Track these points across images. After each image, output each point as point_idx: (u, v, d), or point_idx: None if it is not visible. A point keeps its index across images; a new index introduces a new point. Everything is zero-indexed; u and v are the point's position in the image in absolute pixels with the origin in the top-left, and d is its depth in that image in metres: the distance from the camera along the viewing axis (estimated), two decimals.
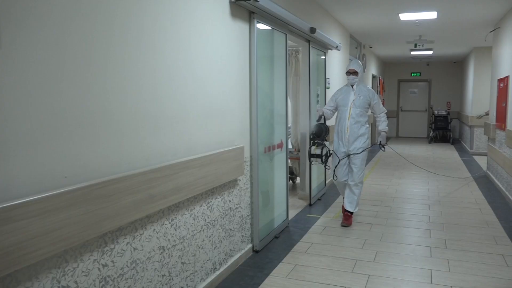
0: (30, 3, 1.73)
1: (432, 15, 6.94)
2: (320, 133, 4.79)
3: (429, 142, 13.90)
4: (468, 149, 11.50)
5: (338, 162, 4.88)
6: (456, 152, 11.53)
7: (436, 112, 14.24)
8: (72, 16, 1.93)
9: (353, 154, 4.82)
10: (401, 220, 5.10)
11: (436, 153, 11.25)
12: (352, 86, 4.86)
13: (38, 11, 1.77)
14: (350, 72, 4.83)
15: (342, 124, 4.85)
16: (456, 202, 5.99)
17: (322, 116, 4.89)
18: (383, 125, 4.99)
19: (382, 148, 4.98)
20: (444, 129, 14.02)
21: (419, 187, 7.00)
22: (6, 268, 1.61)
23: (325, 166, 4.91)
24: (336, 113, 5.09)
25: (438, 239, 4.43)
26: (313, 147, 4.83)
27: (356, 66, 4.83)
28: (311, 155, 4.84)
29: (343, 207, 5.09)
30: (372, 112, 5.05)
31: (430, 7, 6.49)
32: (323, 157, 4.76)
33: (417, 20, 7.37)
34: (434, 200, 6.12)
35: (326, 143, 4.87)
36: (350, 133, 4.78)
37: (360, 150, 4.80)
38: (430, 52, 11.70)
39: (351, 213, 4.95)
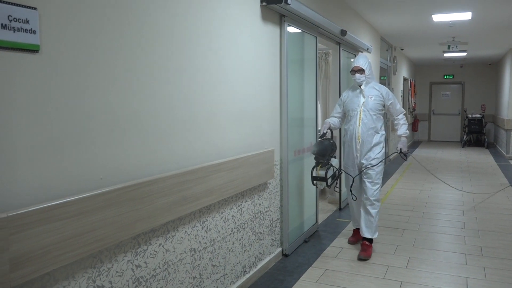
0: (64, 11, 1.78)
1: (466, 15, 6.77)
2: (325, 152, 3.90)
3: (463, 146, 13.53)
4: (504, 154, 11.13)
5: (353, 181, 4.11)
6: (491, 156, 11.18)
7: (470, 115, 13.85)
8: (104, 22, 1.97)
9: (365, 168, 4.01)
10: (434, 226, 4.98)
11: (470, 158, 10.94)
12: (360, 86, 4.08)
13: (73, 16, 1.81)
14: (355, 70, 4.06)
15: (351, 132, 4.06)
16: (492, 208, 5.80)
17: (327, 132, 4.11)
18: (402, 129, 4.12)
19: (404, 157, 4.12)
20: (478, 133, 13.61)
21: (452, 192, 6.82)
22: (44, 267, 1.66)
23: (334, 189, 4.07)
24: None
25: (474, 246, 4.29)
26: (315, 169, 3.95)
27: (362, 62, 4.06)
28: (313, 178, 3.95)
29: (354, 234, 4.38)
30: (388, 115, 4.25)
31: (465, 7, 6.33)
32: (329, 179, 3.90)
33: (450, 21, 7.21)
34: (469, 205, 5.94)
35: (334, 160, 4.04)
36: (362, 143, 4.00)
37: (374, 161, 3.99)
38: (464, 54, 11.41)
39: (371, 240, 4.09)
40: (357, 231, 4.39)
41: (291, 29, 4.01)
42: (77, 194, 1.80)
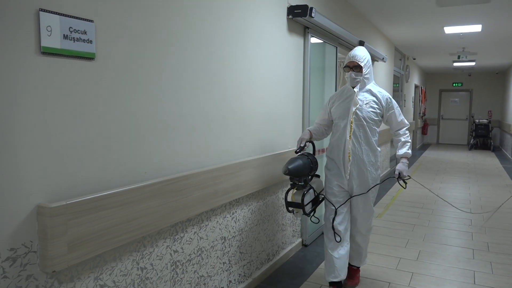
0: (117, 23, 1.82)
1: (476, 28, 6.60)
2: (301, 172, 2.73)
3: (470, 149, 13.21)
4: (510, 157, 10.81)
5: (336, 213, 2.90)
6: (496, 159, 10.88)
7: (477, 121, 13.52)
8: (152, 34, 2.01)
9: (355, 195, 2.90)
10: (443, 222, 4.88)
11: (476, 160, 10.67)
12: (353, 87, 2.85)
13: (124, 28, 1.86)
14: (350, 67, 2.81)
15: (339, 147, 2.90)
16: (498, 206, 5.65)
17: (306, 145, 2.93)
18: (404, 148, 2.87)
19: (403, 184, 2.86)
20: (485, 137, 13.28)
21: (460, 191, 6.67)
22: (96, 249, 1.71)
23: (311, 219, 2.95)
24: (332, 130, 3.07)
25: (481, 242, 4.19)
26: (290, 192, 2.85)
27: (360, 56, 2.78)
28: (288, 204, 2.84)
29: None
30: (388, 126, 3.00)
31: (475, 20, 6.17)
32: (307, 206, 2.79)
33: (461, 33, 7.04)
34: (476, 204, 5.80)
35: (315, 181, 2.98)
36: (353, 162, 2.86)
37: (367, 189, 2.88)
38: (473, 63, 11.13)
39: (358, 267, 3.25)
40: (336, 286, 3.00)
41: (314, 40, 4.00)
42: (125, 186, 1.85)
